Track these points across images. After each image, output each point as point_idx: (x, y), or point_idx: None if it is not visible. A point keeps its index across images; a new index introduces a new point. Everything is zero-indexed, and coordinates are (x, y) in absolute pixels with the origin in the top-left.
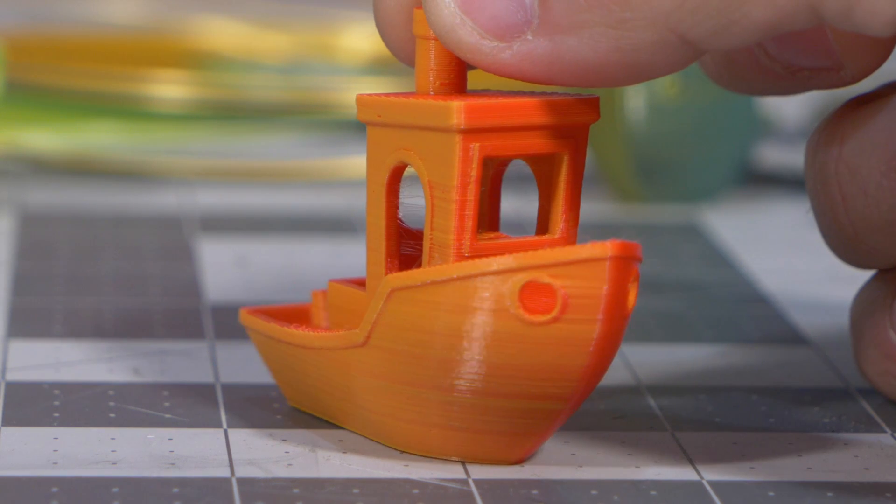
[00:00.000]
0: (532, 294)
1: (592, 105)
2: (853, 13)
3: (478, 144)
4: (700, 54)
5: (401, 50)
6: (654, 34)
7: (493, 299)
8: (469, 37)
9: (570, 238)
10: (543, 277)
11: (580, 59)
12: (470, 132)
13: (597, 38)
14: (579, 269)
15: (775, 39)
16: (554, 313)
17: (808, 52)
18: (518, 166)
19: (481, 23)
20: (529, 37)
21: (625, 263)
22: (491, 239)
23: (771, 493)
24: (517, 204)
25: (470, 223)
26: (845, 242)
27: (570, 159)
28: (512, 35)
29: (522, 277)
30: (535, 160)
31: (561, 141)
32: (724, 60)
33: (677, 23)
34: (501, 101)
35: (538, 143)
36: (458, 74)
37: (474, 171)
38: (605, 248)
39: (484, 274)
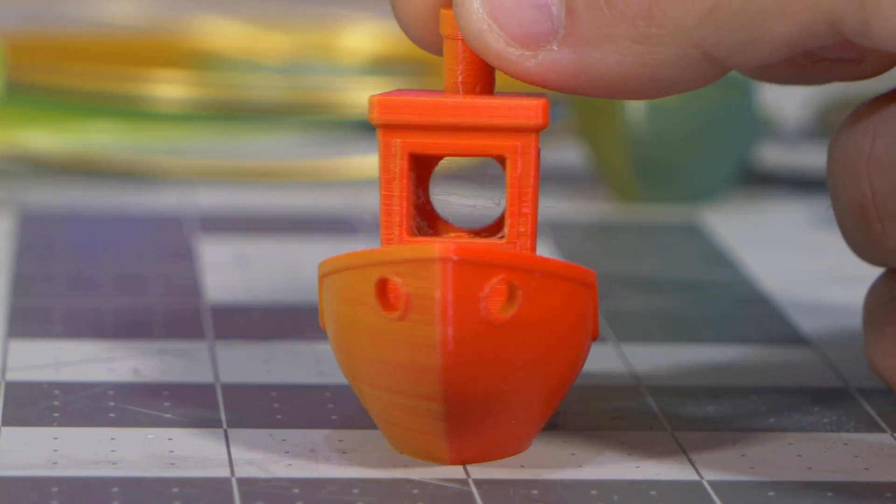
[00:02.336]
0: (384, 290)
1: (537, 110)
2: (870, 29)
3: (399, 140)
4: (724, 71)
5: (429, 43)
6: (679, 50)
7: (360, 293)
8: (496, 43)
9: (524, 241)
10: (391, 274)
11: (604, 72)
12: (389, 127)
13: (622, 52)
14: (415, 268)
15: None
16: (399, 311)
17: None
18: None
19: (508, 30)
20: (555, 47)
21: (465, 268)
22: (431, 235)
23: (771, 493)
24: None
25: (397, 218)
26: (870, 239)
27: (513, 163)
28: (538, 44)
29: (375, 273)
30: (502, 161)
31: (500, 144)
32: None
33: (701, 39)
34: (430, 98)
35: (471, 145)
36: (486, 74)
37: (397, 167)
38: (433, 249)
39: (350, 268)
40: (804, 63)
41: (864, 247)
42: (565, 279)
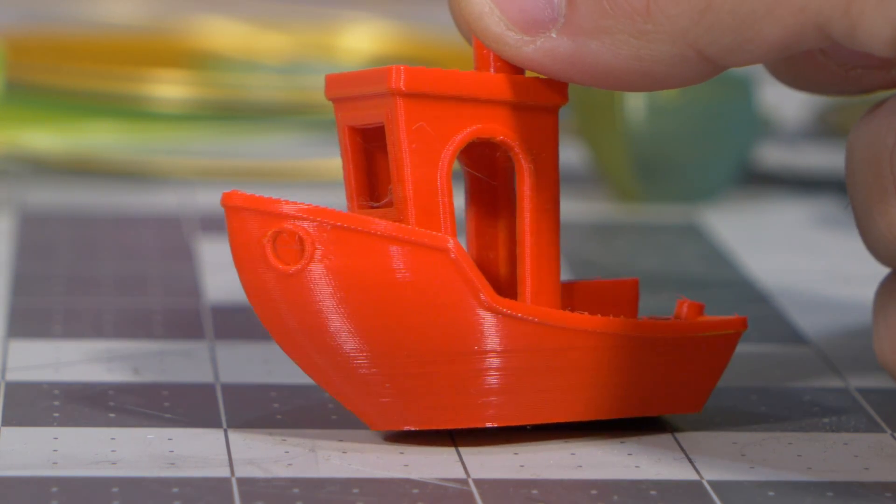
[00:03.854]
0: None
1: (398, 75)
2: (856, 34)
3: (341, 114)
4: (719, 70)
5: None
6: (674, 48)
7: None
8: (495, 26)
9: (404, 206)
10: None
11: (600, 63)
12: (335, 101)
13: (618, 45)
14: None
15: None
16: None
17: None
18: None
19: (509, 14)
20: (554, 34)
21: (247, 216)
22: (373, 206)
23: (771, 493)
24: None
25: (350, 190)
26: (889, 236)
27: (388, 129)
28: (537, 30)
29: None
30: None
31: (379, 111)
32: (784, 59)
33: (695, 39)
34: (357, 71)
35: (370, 114)
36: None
37: (343, 139)
38: (224, 196)
39: None
40: (838, 71)
41: (881, 244)
42: (385, 238)
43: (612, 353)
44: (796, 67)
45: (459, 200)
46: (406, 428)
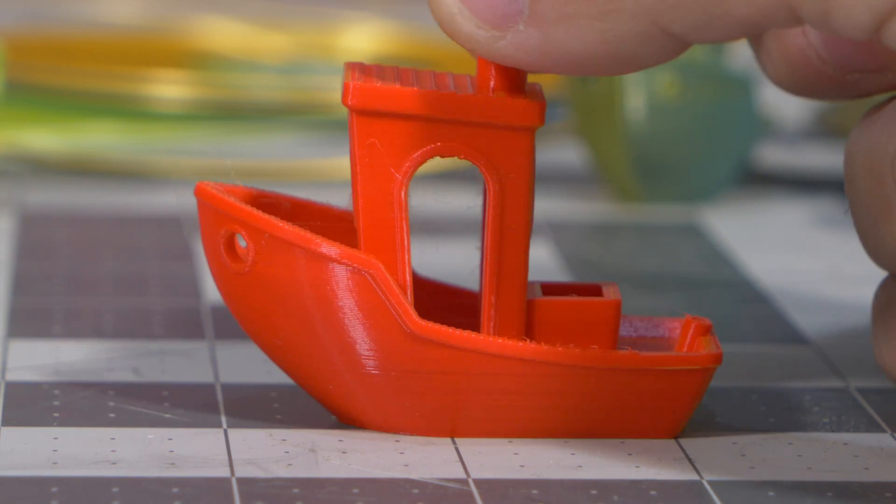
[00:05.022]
0: None
1: (350, 92)
2: (831, 17)
3: None
4: (686, 46)
5: None
6: (638, 26)
7: None
8: (466, 26)
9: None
10: None
11: (569, 50)
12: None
13: (583, 30)
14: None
15: (826, 40)
16: None
17: (856, 54)
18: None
19: (478, 12)
20: (521, 27)
21: (208, 212)
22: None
23: (771, 493)
24: None
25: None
26: (893, 244)
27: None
28: (506, 25)
29: None
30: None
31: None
32: (784, 64)
33: (659, 16)
34: None
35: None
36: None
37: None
38: (196, 186)
39: None
40: (835, 75)
41: (881, 249)
42: (308, 252)
43: (541, 379)
44: (796, 74)
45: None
46: (352, 424)
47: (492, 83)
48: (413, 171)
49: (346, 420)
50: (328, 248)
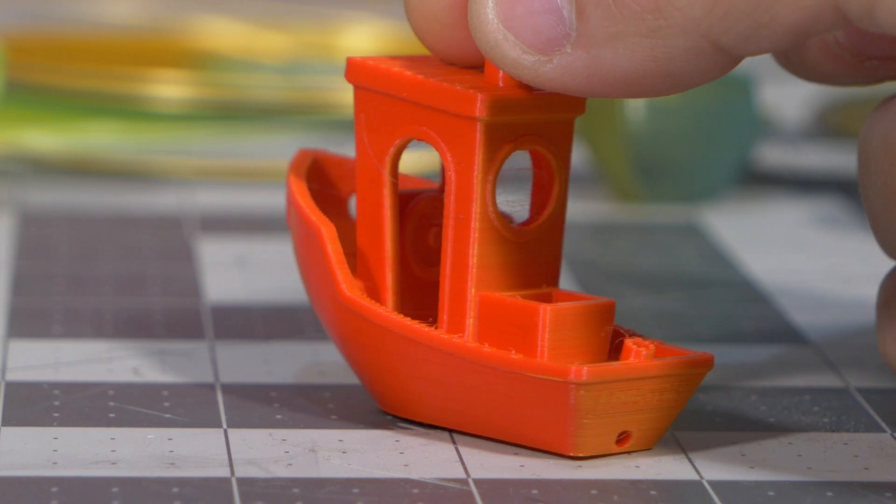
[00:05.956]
0: None
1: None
2: (874, 13)
3: None
4: (735, 61)
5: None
6: (688, 41)
7: None
8: (512, 51)
9: None
10: None
11: (617, 70)
12: None
13: (632, 49)
14: None
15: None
16: None
17: (876, 41)
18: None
19: (523, 37)
20: (569, 49)
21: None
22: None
23: (771, 493)
24: None
25: None
26: None
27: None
28: (552, 48)
29: None
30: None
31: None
32: (802, 50)
33: (708, 28)
34: None
35: None
36: None
37: None
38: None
39: None
40: (852, 61)
41: (892, 234)
42: (298, 210)
43: (429, 366)
44: (808, 58)
45: None
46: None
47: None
48: (395, 152)
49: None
50: (311, 212)
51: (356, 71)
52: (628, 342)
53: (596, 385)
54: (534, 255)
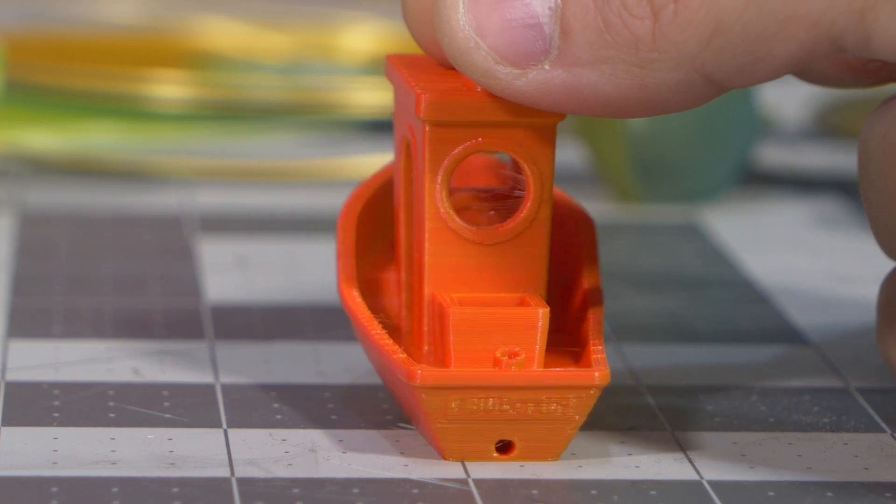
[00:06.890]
0: None
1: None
2: (871, 43)
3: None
4: (722, 91)
5: (431, 45)
6: (680, 74)
7: None
8: (483, 62)
9: None
10: None
11: (599, 93)
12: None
13: (619, 75)
14: None
15: None
16: None
17: None
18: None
19: (498, 49)
20: (546, 66)
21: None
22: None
23: (771, 493)
24: None
25: None
26: None
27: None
28: (528, 63)
29: None
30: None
31: None
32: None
33: (703, 63)
34: None
35: None
36: None
37: None
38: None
39: None
40: (856, 65)
41: (892, 235)
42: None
43: (381, 370)
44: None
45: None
46: None
47: None
48: (398, 147)
49: None
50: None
51: (389, 69)
52: (496, 353)
53: (440, 390)
54: (509, 258)
